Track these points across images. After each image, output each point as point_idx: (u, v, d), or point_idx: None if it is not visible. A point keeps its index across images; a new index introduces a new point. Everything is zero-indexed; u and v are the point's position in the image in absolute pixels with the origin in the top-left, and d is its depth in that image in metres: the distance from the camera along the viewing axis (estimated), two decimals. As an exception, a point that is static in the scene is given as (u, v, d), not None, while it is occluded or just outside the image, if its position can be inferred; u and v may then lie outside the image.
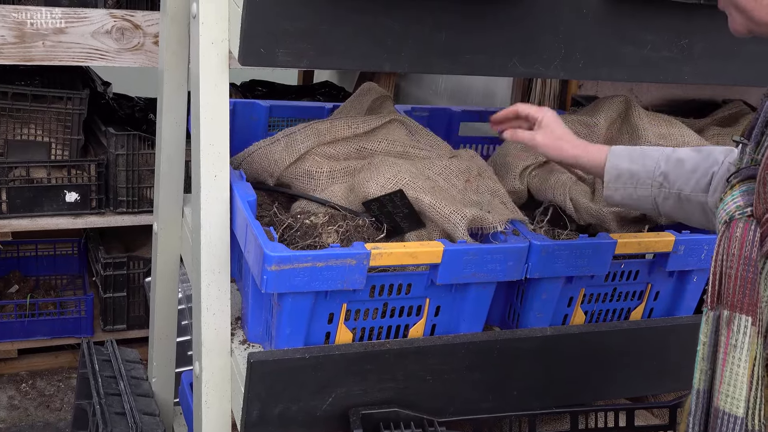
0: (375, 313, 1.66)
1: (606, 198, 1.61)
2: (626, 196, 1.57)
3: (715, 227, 1.44)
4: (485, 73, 1.67)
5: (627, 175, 1.56)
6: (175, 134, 2.06)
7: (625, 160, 1.57)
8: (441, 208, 1.70)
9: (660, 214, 1.58)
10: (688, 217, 1.54)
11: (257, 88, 3.87)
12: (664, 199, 1.53)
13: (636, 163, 1.56)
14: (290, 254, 1.48)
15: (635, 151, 1.58)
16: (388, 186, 1.75)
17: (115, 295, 3.33)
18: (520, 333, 1.76)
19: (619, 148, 1.60)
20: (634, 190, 1.55)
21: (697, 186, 1.49)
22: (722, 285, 1.11)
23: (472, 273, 1.63)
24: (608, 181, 1.58)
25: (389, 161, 1.81)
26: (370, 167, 1.82)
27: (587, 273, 1.76)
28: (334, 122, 1.92)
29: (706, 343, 1.13)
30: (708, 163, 1.50)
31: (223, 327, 1.67)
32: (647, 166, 1.54)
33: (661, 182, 1.52)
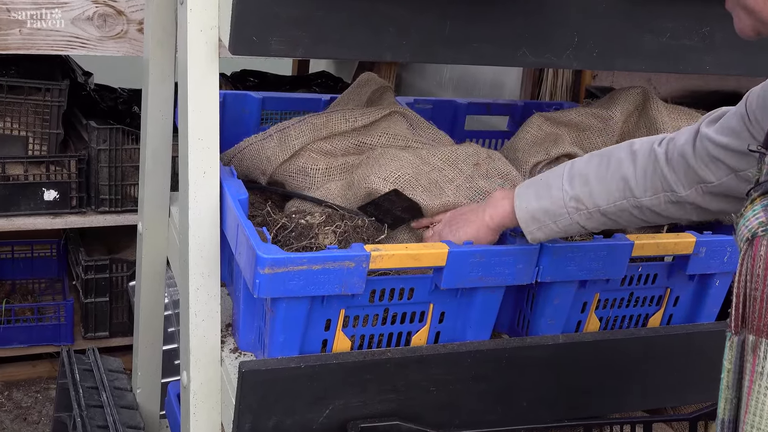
0: (375, 320, 1.66)
1: (531, 240, 1.63)
2: (549, 232, 1.59)
3: (656, 221, 1.50)
4: (493, 63, 1.67)
5: (540, 212, 1.58)
6: (161, 128, 2.06)
7: (532, 199, 1.59)
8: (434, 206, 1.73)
9: (591, 232, 1.62)
10: (620, 224, 1.56)
11: (249, 78, 3.87)
12: (588, 220, 1.55)
13: (543, 198, 1.57)
14: (284, 256, 1.48)
15: (539, 184, 1.59)
16: (390, 179, 1.76)
17: (97, 300, 3.34)
18: (531, 341, 1.76)
19: (522, 188, 1.62)
20: (554, 224, 1.58)
21: (612, 194, 1.51)
22: (747, 308, 1.10)
23: (479, 276, 1.63)
24: (525, 226, 1.61)
25: (390, 153, 1.82)
26: (370, 161, 1.82)
27: (602, 276, 1.76)
28: (331, 116, 1.92)
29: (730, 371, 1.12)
30: (612, 167, 1.51)
31: (212, 334, 1.67)
32: (555, 197, 1.56)
33: (576, 206, 1.54)
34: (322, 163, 1.88)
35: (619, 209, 1.52)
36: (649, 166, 1.48)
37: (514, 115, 2.48)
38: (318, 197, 1.85)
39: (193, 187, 1.60)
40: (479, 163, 1.86)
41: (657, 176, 1.47)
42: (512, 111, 2.49)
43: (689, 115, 2.17)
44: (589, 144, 2.12)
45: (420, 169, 1.81)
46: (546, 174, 1.62)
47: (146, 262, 2.23)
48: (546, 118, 2.15)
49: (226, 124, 2.08)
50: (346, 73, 4.32)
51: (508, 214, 1.63)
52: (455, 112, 2.39)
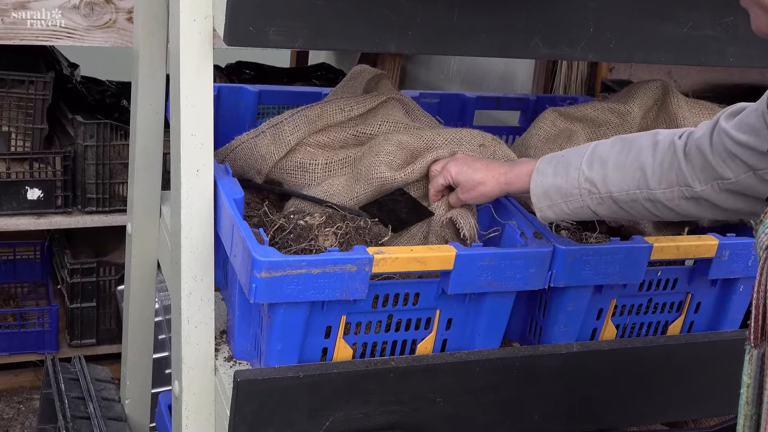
0: (378, 327, 1.66)
1: (540, 218, 1.66)
2: (560, 213, 1.62)
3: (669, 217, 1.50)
4: (503, 55, 1.67)
5: (553, 190, 1.60)
6: (152, 123, 2.07)
7: (549, 174, 1.61)
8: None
9: (604, 221, 1.62)
10: (632, 216, 1.58)
11: (244, 70, 3.87)
12: (599, 205, 1.57)
13: (560, 175, 1.60)
14: (282, 259, 1.48)
15: (560, 161, 1.62)
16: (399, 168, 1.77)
17: (84, 305, 3.34)
18: (543, 349, 1.76)
19: (544, 162, 1.64)
20: (565, 204, 1.60)
21: (627, 183, 1.52)
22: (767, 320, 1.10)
23: (488, 281, 1.64)
24: (536, 202, 1.63)
25: (394, 140, 1.82)
26: (374, 149, 1.82)
27: (619, 281, 1.76)
28: (325, 106, 1.93)
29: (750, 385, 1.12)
30: (632, 155, 1.52)
31: (205, 342, 1.68)
32: (571, 177, 1.58)
33: (589, 189, 1.56)
34: (321, 158, 1.88)
35: (631, 199, 1.53)
36: (667, 157, 1.48)
37: (526, 110, 2.48)
38: (320, 194, 1.85)
39: (186, 185, 1.60)
40: (485, 144, 1.86)
41: (673, 169, 1.47)
42: (524, 105, 2.49)
43: (711, 110, 2.17)
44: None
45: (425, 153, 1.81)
46: (569, 151, 1.63)
47: (135, 264, 2.24)
48: (560, 113, 2.15)
49: (221, 119, 2.08)
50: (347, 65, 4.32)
51: (523, 177, 1.66)
52: (463, 107, 2.39)
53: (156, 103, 2.04)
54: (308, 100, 2.17)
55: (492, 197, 1.74)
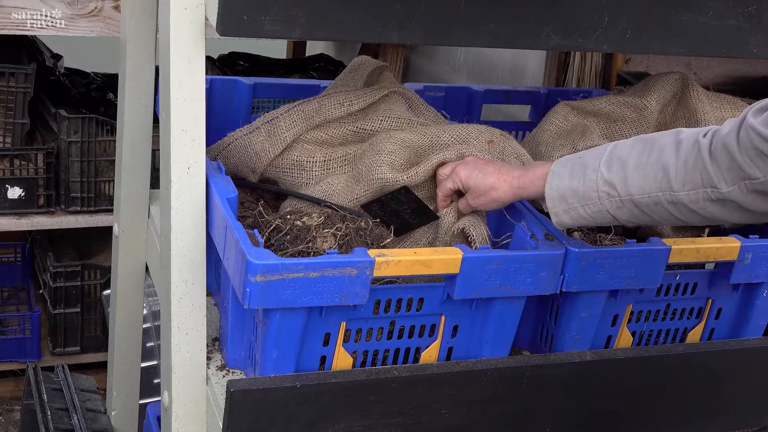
0: (380, 334, 1.67)
1: (556, 224, 1.64)
2: (577, 217, 1.61)
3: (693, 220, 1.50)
4: (513, 46, 1.67)
5: (570, 193, 1.59)
6: (140, 118, 2.07)
7: (565, 177, 1.61)
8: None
9: (621, 224, 1.62)
10: (654, 220, 1.56)
11: (238, 62, 3.88)
12: (618, 209, 1.56)
13: (577, 177, 1.59)
14: (278, 262, 1.48)
15: (576, 163, 1.61)
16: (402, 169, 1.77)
17: (67, 311, 3.34)
18: (555, 358, 1.76)
19: (559, 164, 1.63)
20: (582, 209, 1.59)
21: (648, 185, 1.51)
22: None
23: (497, 285, 1.64)
24: (551, 206, 1.62)
25: (397, 137, 1.82)
26: (375, 148, 1.83)
27: (635, 286, 1.77)
28: (323, 101, 1.93)
29: None
30: (654, 155, 1.52)
31: (197, 350, 1.68)
32: (588, 179, 1.57)
33: (608, 192, 1.55)
34: (319, 155, 1.89)
35: (653, 202, 1.52)
36: (691, 157, 1.47)
37: (537, 104, 2.48)
38: (318, 194, 1.86)
39: (176, 184, 1.61)
40: (493, 140, 1.86)
41: (698, 169, 1.47)
42: (534, 99, 2.49)
43: (734, 105, 2.17)
44: (622, 136, 2.12)
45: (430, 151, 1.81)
46: (586, 152, 1.63)
47: (123, 268, 2.24)
48: (572, 107, 2.16)
49: (213, 114, 2.09)
50: (347, 56, 4.32)
51: (537, 181, 1.65)
52: (470, 101, 2.40)
53: (144, 97, 2.05)
54: (306, 94, 2.17)
55: (505, 203, 1.73)
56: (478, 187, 1.73)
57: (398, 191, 1.75)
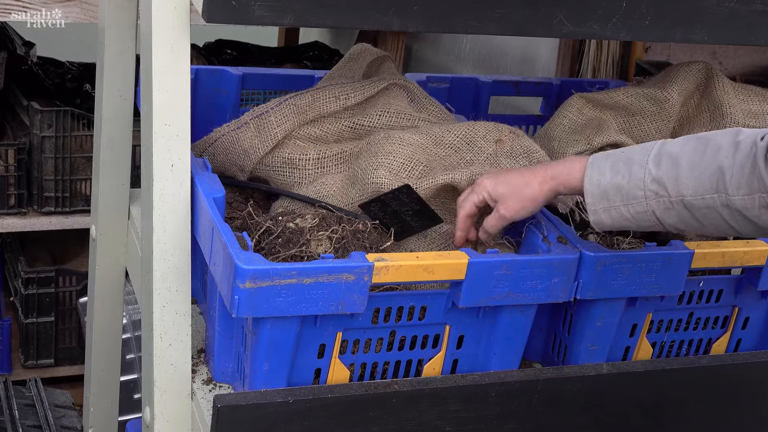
0: (379, 345, 1.67)
1: (594, 224, 1.62)
2: (618, 218, 1.59)
3: (746, 230, 1.49)
4: (523, 33, 1.67)
5: (613, 190, 1.58)
6: (120, 111, 2.07)
7: (607, 171, 1.59)
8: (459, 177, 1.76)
9: (666, 230, 1.60)
10: (703, 226, 1.54)
11: (226, 50, 3.88)
12: (665, 210, 1.54)
13: (621, 173, 1.57)
14: (269, 267, 1.49)
15: (620, 157, 1.60)
16: (403, 174, 1.77)
17: (40, 320, 3.35)
18: (568, 371, 1.77)
19: (599, 158, 1.62)
20: (625, 208, 1.57)
21: (702, 186, 1.50)
22: None
23: (505, 293, 1.64)
24: (591, 203, 1.60)
25: (397, 137, 1.82)
26: (373, 148, 1.83)
27: (655, 293, 1.77)
28: (317, 93, 1.93)
29: None
30: (709, 154, 1.51)
31: (181, 362, 1.68)
32: (634, 175, 1.56)
33: (656, 191, 1.54)
34: (313, 152, 1.89)
35: (706, 205, 1.50)
36: (748, 160, 1.46)
37: (549, 97, 2.49)
38: (311, 194, 1.86)
39: (159, 183, 1.61)
40: (502, 139, 1.86)
41: (754, 174, 1.45)
42: (546, 91, 2.49)
43: (762, 97, 2.17)
44: (640, 131, 2.12)
45: (434, 153, 1.81)
46: (631, 148, 1.61)
47: (100, 273, 2.24)
48: (588, 99, 2.16)
49: (199, 107, 2.09)
50: (343, 44, 4.33)
51: (574, 173, 1.63)
52: (477, 92, 2.40)
53: (124, 88, 2.05)
54: (299, 85, 2.18)
55: (540, 202, 1.68)
56: (508, 190, 1.69)
57: (399, 190, 1.75)
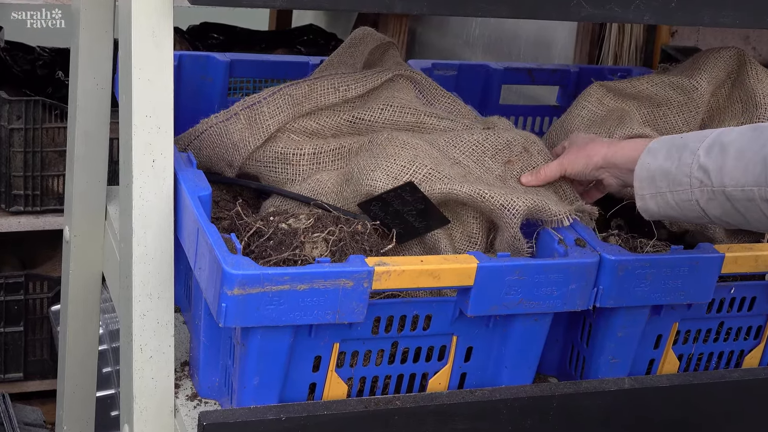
0: (380, 357, 1.67)
1: (640, 210, 1.66)
2: (663, 205, 1.62)
3: None
4: (537, 16, 1.67)
5: (660, 175, 1.61)
6: (96, 101, 2.07)
7: (659, 156, 1.62)
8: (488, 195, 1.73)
9: (713, 223, 1.62)
10: (747, 221, 1.55)
11: (212, 35, 3.88)
12: (709, 201, 1.56)
13: (671, 158, 1.60)
14: (260, 272, 1.49)
15: (676, 142, 1.62)
16: (402, 178, 1.77)
17: (8, 330, 3.34)
18: (587, 386, 1.77)
19: (658, 142, 1.65)
20: (670, 195, 1.60)
21: (745, 177, 1.50)
22: None
23: (518, 300, 1.64)
24: (638, 187, 1.64)
25: (399, 140, 1.83)
26: (374, 149, 1.83)
27: (682, 300, 1.77)
28: (315, 84, 1.93)
29: None
30: (759, 143, 1.51)
31: (163, 376, 1.68)
32: (684, 161, 1.58)
33: (701, 179, 1.55)
34: (309, 147, 1.89)
35: (746, 197, 1.51)
36: None
37: (567, 85, 2.49)
38: (306, 192, 1.86)
39: (139, 180, 1.61)
40: (512, 160, 1.86)
41: None
42: (564, 79, 2.50)
43: (800, 86, 2.17)
44: (666, 123, 2.12)
45: (440, 162, 1.81)
46: (691, 133, 1.64)
47: (75, 279, 2.24)
48: (608, 89, 2.16)
49: (183, 96, 2.09)
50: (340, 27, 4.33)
51: (630, 153, 1.70)
52: (487, 81, 2.40)
53: (101, 76, 2.05)
54: (292, 72, 2.18)
55: (595, 165, 1.78)
56: (573, 143, 1.86)
57: (402, 188, 1.75)
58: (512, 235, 1.72)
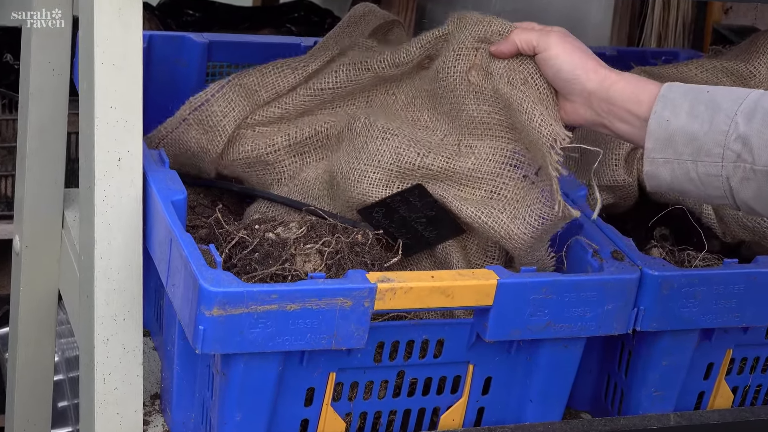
0: (384, 389, 1.68)
1: (646, 176, 1.58)
2: (681, 175, 1.54)
3: None
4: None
5: (684, 138, 1.52)
6: (52, 89, 2.08)
7: (681, 111, 1.54)
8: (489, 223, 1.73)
9: (736, 206, 1.54)
10: None
11: (187, 11, 3.87)
12: (743, 181, 1.49)
13: (700, 118, 1.52)
14: (243, 290, 1.49)
15: (701, 97, 1.55)
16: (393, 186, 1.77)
17: (-52, 356, 3.36)
18: (626, 423, 1.77)
19: (675, 91, 1.57)
20: (693, 165, 1.52)
21: None
22: None
23: (545, 323, 1.65)
24: (651, 148, 1.56)
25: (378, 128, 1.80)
26: (354, 141, 1.81)
27: (737, 323, 1.77)
28: (267, 68, 1.91)
29: None
30: None
31: (130, 411, 1.69)
32: (717, 126, 1.50)
33: (739, 152, 1.48)
34: (280, 137, 1.87)
35: None
36: None
37: (602, 71, 2.50)
38: (293, 196, 1.87)
39: (102, 182, 1.62)
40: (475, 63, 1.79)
41: None
42: (598, 64, 2.50)
43: None
44: (719, 115, 2.13)
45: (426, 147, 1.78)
46: (719, 88, 1.56)
47: (26, 297, 2.25)
48: (651, 75, 2.17)
49: (153, 83, 2.09)
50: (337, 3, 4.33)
51: (640, 95, 1.59)
52: (509, 66, 2.41)
53: (58, 60, 2.06)
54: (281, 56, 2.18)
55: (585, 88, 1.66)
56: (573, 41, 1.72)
57: (410, 191, 1.75)
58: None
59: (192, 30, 2.31)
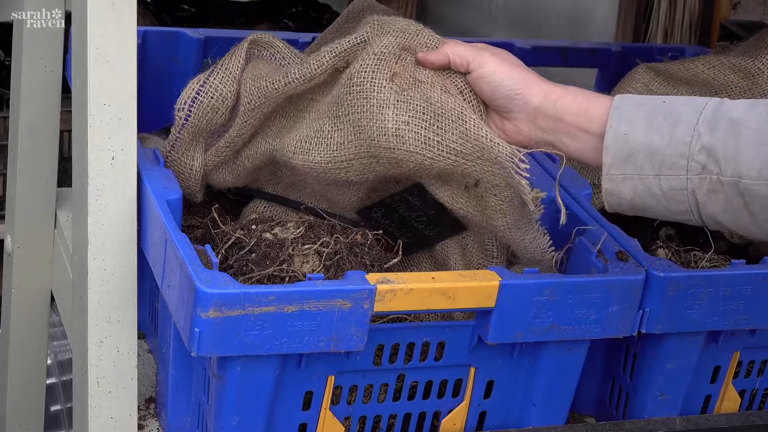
0: (383, 393, 1.68)
1: (606, 195, 1.55)
2: (643, 191, 1.51)
3: None
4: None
5: (644, 152, 1.50)
6: (44, 87, 2.08)
7: (639, 125, 1.51)
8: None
9: (702, 221, 1.52)
10: (755, 221, 1.47)
11: (181, 6, 3.88)
12: (710, 193, 1.47)
13: (659, 130, 1.50)
14: (240, 291, 1.49)
15: (659, 107, 1.52)
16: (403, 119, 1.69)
17: (-62, 360, 3.36)
18: (631, 427, 1.77)
19: (629, 103, 1.54)
20: (657, 180, 1.50)
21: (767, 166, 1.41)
22: None
23: (549, 325, 1.65)
24: (610, 164, 1.53)
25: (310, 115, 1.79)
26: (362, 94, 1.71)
27: (745, 325, 1.77)
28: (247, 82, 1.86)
29: None
30: None
31: (124, 415, 1.69)
32: (679, 137, 1.48)
33: (704, 164, 1.46)
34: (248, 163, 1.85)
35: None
36: None
37: (606, 67, 2.50)
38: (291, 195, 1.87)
39: (96, 180, 1.62)
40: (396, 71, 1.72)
41: None
42: (603, 60, 2.50)
43: None
44: (726, 113, 2.13)
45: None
46: (674, 98, 1.54)
47: (18, 299, 2.25)
48: (657, 71, 2.17)
49: (148, 80, 2.09)
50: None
51: (591, 110, 1.56)
52: (512, 62, 2.41)
53: (50, 56, 2.06)
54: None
55: (527, 97, 1.63)
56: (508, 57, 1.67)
57: (409, 191, 1.76)
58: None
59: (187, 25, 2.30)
